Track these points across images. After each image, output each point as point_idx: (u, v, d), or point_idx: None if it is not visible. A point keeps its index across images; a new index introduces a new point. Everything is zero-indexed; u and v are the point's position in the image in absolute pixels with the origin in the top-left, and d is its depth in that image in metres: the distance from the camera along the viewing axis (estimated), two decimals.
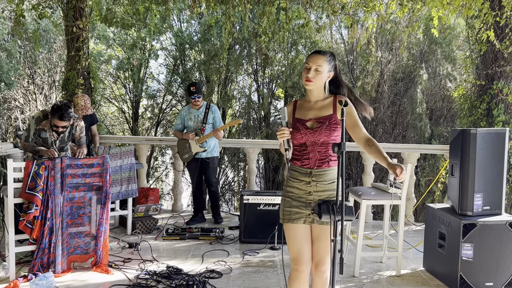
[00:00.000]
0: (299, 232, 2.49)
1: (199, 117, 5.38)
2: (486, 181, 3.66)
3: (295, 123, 2.51)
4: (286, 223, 2.53)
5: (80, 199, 3.84)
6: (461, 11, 5.54)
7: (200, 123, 5.35)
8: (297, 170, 2.51)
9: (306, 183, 2.48)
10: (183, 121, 5.47)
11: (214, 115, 5.42)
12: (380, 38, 12.01)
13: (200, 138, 5.29)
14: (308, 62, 2.46)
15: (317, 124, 2.45)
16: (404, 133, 12.58)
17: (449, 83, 11.96)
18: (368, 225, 5.71)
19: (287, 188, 2.56)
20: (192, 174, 5.52)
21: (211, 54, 12.24)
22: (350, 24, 6.35)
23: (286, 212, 2.52)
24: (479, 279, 3.55)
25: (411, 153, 5.87)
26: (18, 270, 3.76)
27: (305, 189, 2.49)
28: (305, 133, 2.46)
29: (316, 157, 2.47)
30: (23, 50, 11.32)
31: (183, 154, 5.43)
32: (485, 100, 6.03)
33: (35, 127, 4.11)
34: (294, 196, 2.51)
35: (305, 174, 2.49)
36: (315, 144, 2.46)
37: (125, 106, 14.85)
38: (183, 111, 5.50)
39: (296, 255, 2.49)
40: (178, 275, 3.74)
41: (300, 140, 2.48)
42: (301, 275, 2.49)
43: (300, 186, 2.50)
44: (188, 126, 5.44)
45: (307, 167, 2.48)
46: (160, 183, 16.96)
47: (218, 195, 5.65)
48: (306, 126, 2.47)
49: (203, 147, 5.32)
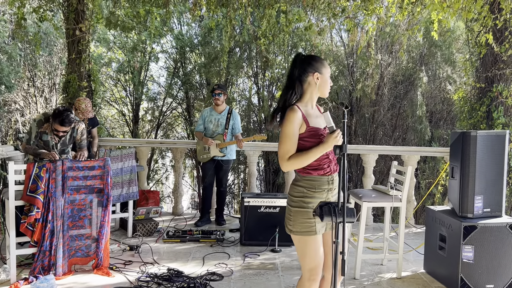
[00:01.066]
0: (319, 243, 2.44)
1: (219, 121, 5.43)
2: (486, 183, 3.66)
3: (317, 132, 2.41)
4: (311, 235, 2.41)
5: (81, 202, 3.85)
6: (461, 14, 5.56)
7: (220, 127, 5.42)
8: (319, 180, 2.44)
9: (327, 190, 2.46)
10: (204, 122, 5.51)
11: (234, 121, 5.49)
12: (380, 41, 12.04)
13: (221, 143, 5.35)
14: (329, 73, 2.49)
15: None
16: (404, 135, 12.60)
17: (449, 85, 11.98)
18: (369, 228, 5.71)
19: (306, 199, 2.42)
20: (205, 174, 5.54)
21: (211, 57, 12.27)
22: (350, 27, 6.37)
23: (310, 223, 2.40)
24: (480, 281, 3.55)
25: (411, 155, 5.88)
26: (19, 273, 3.76)
27: (325, 197, 2.46)
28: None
29: (334, 162, 2.49)
30: (23, 53, 11.34)
31: (201, 154, 5.49)
32: (485, 102, 6.04)
33: (37, 130, 4.12)
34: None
35: (327, 182, 2.46)
36: (331, 151, 2.48)
37: (125, 109, 14.88)
38: (205, 112, 5.55)
39: (317, 266, 2.43)
40: (179, 277, 3.74)
41: None
42: (316, 285, 2.46)
43: (321, 196, 2.45)
44: (208, 127, 5.47)
45: (328, 174, 2.46)
46: (160, 185, 16.96)
47: (225, 196, 5.70)
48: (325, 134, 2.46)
49: (223, 153, 5.39)
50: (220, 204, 5.67)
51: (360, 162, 10.05)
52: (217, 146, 5.36)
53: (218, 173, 5.51)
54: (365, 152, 5.94)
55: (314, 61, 2.43)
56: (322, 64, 2.44)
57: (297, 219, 2.42)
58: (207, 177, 5.51)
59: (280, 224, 4.70)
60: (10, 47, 10.76)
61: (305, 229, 2.40)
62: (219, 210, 5.67)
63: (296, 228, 2.42)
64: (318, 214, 2.31)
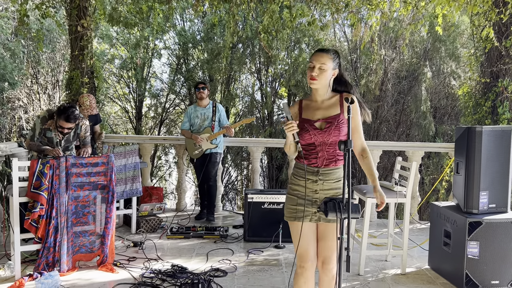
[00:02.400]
0: (305, 230, 2.48)
1: (205, 115, 5.48)
2: (491, 179, 3.64)
3: (303, 124, 2.47)
4: (291, 221, 2.52)
5: (84, 198, 3.85)
6: (465, 8, 5.51)
7: (207, 120, 5.46)
8: (303, 169, 2.49)
9: (312, 181, 2.47)
10: (189, 119, 5.56)
11: (220, 113, 5.54)
12: (383, 36, 11.98)
13: (211, 135, 5.39)
14: (312, 61, 2.43)
15: (326, 125, 2.43)
16: (408, 131, 12.55)
17: (453, 81, 11.92)
18: (373, 224, 5.70)
19: (292, 186, 2.54)
20: (199, 171, 5.55)
21: (214, 53, 12.23)
22: (354, 22, 6.33)
23: (291, 210, 2.52)
24: (485, 277, 3.53)
25: (416, 151, 5.85)
26: (24, 269, 3.78)
27: (311, 187, 2.48)
28: (314, 134, 2.44)
29: (325, 157, 2.46)
30: (26, 50, 11.35)
31: (193, 151, 5.49)
32: (490, 97, 6.00)
33: (41, 127, 4.12)
34: (299, 194, 2.50)
35: (312, 172, 2.47)
36: (324, 144, 2.45)
37: (128, 106, 14.88)
38: (189, 110, 5.61)
39: (302, 253, 2.49)
40: (183, 273, 3.74)
41: (308, 140, 2.46)
42: (307, 272, 2.49)
43: (306, 184, 2.48)
44: (194, 123, 5.52)
45: (314, 166, 2.47)
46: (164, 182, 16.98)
47: (214, 192, 5.60)
48: (314, 127, 2.45)
49: (214, 144, 5.43)
50: (210, 199, 5.60)
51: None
52: (208, 139, 5.38)
53: (207, 166, 5.47)
54: (369, 148, 5.88)
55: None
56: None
57: (286, 205, 2.57)
58: (201, 174, 5.51)
59: (283, 220, 4.67)
60: (13, 44, 10.77)
61: (289, 214, 2.53)
62: (208, 206, 5.62)
63: (285, 213, 2.57)
64: (323, 210, 2.30)
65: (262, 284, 3.64)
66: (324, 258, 2.50)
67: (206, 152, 5.45)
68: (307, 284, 2.51)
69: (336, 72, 2.50)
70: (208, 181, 5.53)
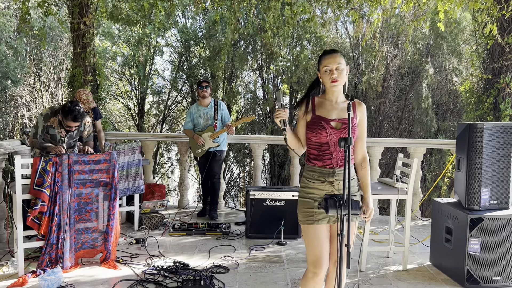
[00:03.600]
0: (322, 234, 2.45)
1: (208, 114, 5.49)
2: (493, 175, 3.64)
3: (319, 121, 2.44)
4: (309, 224, 2.45)
5: (87, 195, 3.87)
6: (467, 5, 5.50)
7: (210, 119, 5.47)
8: (317, 171, 2.46)
9: (329, 183, 2.44)
10: (192, 119, 5.56)
11: (222, 112, 5.54)
12: (385, 33, 11.94)
13: (213, 134, 5.40)
14: (327, 64, 2.41)
15: (342, 125, 2.43)
16: (410, 128, 12.53)
17: (455, 77, 11.89)
18: (374, 220, 5.70)
19: (307, 189, 2.48)
20: (203, 168, 5.56)
21: (216, 50, 12.23)
22: (356, 19, 6.32)
23: (309, 213, 2.45)
24: (486, 273, 3.54)
25: (417, 148, 5.84)
26: (27, 266, 3.80)
27: (327, 189, 2.45)
28: (330, 133, 2.43)
29: (339, 157, 2.44)
30: (29, 48, 11.37)
31: (196, 149, 5.50)
32: (492, 94, 5.99)
33: (44, 124, 4.13)
34: (316, 197, 2.46)
35: (327, 174, 2.45)
36: (337, 144, 2.43)
37: (130, 103, 14.90)
38: (192, 109, 5.61)
39: (318, 258, 2.44)
40: (185, 270, 3.76)
41: (323, 138, 2.44)
42: (318, 278, 2.46)
43: (322, 187, 2.45)
44: (197, 123, 5.51)
45: (329, 167, 2.44)
46: (166, 179, 17.01)
47: (218, 189, 5.65)
48: (331, 126, 2.43)
49: (217, 142, 5.44)
50: (213, 196, 5.63)
51: None
52: (210, 137, 5.40)
53: (210, 164, 5.50)
54: (371, 144, 5.92)
55: (319, 59, 2.51)
56: (319, 62, 2.49)
57: (300, 208, 2.50)
58: (204, 172, 5.54)
59: (285, 217, 4.70)
60: (15, 42, 10.80)
61: (305, 218, 2.47)
62: (211, 202, 5.64)
63: (299, 217, 2.51)
64: (323, 206, 2.31)
65: (264, 281, 3.66)
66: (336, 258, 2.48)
67: (209, 150, 5.48)
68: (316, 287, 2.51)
69: (348, 68, 2.50)
70: (211, 178, 5.56)
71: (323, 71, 2.44)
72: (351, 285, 3.59)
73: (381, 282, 3.69)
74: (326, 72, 2.42)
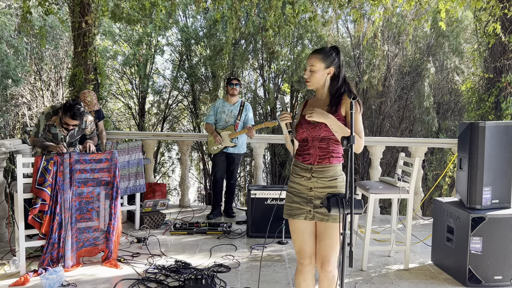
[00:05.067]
0: (300, 228, 2.52)
1: (232, 112, 5.42)
2: (494, 174, 3.63)
3: (300, 119, 2.54)
4: (287, 218, 2.56)
5: (88, 194, 3.87)
6: (469, 3, 5.49)
7: (233, 118, 5.41)
8: (299, 166, 2.53)
9: (307, 178, 2.49)
10: (215, 113, 5.46)
11: (247, 113, 5.49)
12: (386, 32, 11.93)
13: (232, 133, 5.35)
14: (306, 64, 2.51)
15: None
16: (411, 127, 12.53)
17: (457, 76, 11.87)
18: (376, 219, 5.70)
19: (290, 183, 2.58)
20: (215, 166, 5.53)
21: (216, 49, 12.22)
22: (357, 17, 6.31)
23: (288, 207, 2.55)
24: (488, 272, 3.54)
25: (419, 147, 5.84)
26: (28, 265, 3.80)
27: (306, 185, 2.49)
28: (306, 128, 2.47)
29: (317, 153, 2.47)
30: (29, 47, 11.37)
31: (212, 146, 5.45)
32: (493, 93, 5.98)
33: (45, 123, 4.13)
34: (295, 192, 2.52)
35: (306, 169, 2.49)
36: (315, 139, 2.46)
37: (131, 102, 14.90)
38: (217, 103, 5.50)
39: (299, 249, 2.54)
40: (186, 269, 3.76)
41: (302, 135, 2.50)
42: (305, 269, 2.52)
43: (301, 182, 2.50)
44: (220, 118, 5.43)
45: (307, 162, 2.49)
46: (167, 178, 17.02)
47: (234, 189, 5.75)
48: (307, 121, 2.48)
49: (234, 142, 5.40)
50: (230, 196, 5.72)
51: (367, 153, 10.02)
52: (229, 136, 5.35)
53: (230, 166, 5.53)
54: (372, 143, 5.91)
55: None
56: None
57: (285, 202, 2.61)
58: (219, 170, 5.50)
59: None
60: (16, 41, 10.80)
61: (286, 211, 2.57)
62: (228, 202, 5.72)
63: (284, 211, 2.60)
64: (325, 205, 2.30)
65: (265, 280, 3.66)
66: (323, 258, 2.47)
67: (227, 150, 5.41)
68: (306, 282, 2.53)
69: (331, 70, 2.48)
70: (230, 180, 5.63)
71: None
72: (352, 284, 3.58)
73: (382, 281, 3.69)
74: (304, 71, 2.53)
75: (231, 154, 5.46)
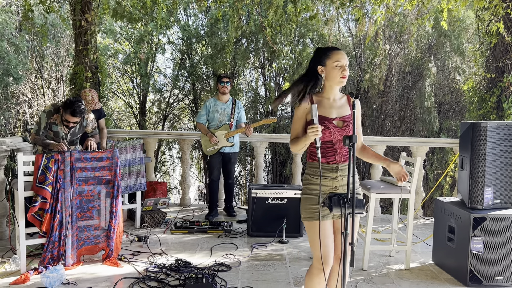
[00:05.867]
0: (328, 230, 2.47)
1: (226, 111, 5.33)
2: (496, 174, 3.62)
3: (321, 120, 2.43)
4: (313, 220, 2.46)
5: (89, 193, 3.86)
6: (471, 3, 5.47)
7: (227, 116, 5.32)
8: (323, 168, 2.47)
9: (332, 178, 2.47)
10: (207, 112, 5.36)
11: (239, 111, 5.41)
12: (388, 31, 11.91)
13: (228, 132, 5.27)
14: (339, 59, 2.40)
15: (344, 123, 2.46)
16: (412, 127, 12.51)
17: (458, 76, 11.85)
18: (377, 219, 5.69)
19: (311, 186, 2.49)
20: (213, 167, 5.45)
21: (218, 48, 12.20)
22: (359, 17, 6.30)
23: (313, 209, 2.46)
24: (489, 272, 3.53)
25: (420, 146, 5.83)
26: (29, 263, 3.80)
27: (331, 185, 2.47)
28: (334, 132, 2.44)
29: (342, 153, 2.48)
30: (30, 45, 11.36)
31: (208, 147, 5.35)
32: (495, 93, 5.97)
33: (46, 121, 4.13)
34: (320, 193, 2.47)
35: (331, 170, 2.46)
36: (340, 141, 2.46)
37: (132, 101, 14.89)
38: (209, 102, 5.38)
39: (324, 255, 2.44)
40: (187, 268, 3.76)
41: (327, 137, 2.45)
42: (323, 274, 2.47)
43: (325, 183, 2.47)
44: (213, 117, 5.33)
45: (333, 163, 2.47)
46: (168, 177, 17.02)
47: (233, 188, 5.72)
48: (334, 125, 2.45)
49: (231, 142, 5.31)
50: (229, 195, 5.69)
51: None
52: (225, 136, 5.29)
53: (226, 166, 5.46)
54: (373, 143, 5.90)
55: (318, 54, 2.49)
56: (325, 56, 2.44)
57: (303, 205, 2.51)
58: (215, 171, 5.44)
59: (287, 216, 4.69)
60: (17, 39, 10.79)
61: (309, 214, 2.48)
62: (229, 201, 5.69)
63: (303, 214, 2.52)
64: (327, 205, 2.30)
65: (266, 279, 3.65)
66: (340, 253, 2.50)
67: (223, 150, 5.33)
68: (321, 284, 2.51)
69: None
70: (228, 179, 5.56)
71: (333, 66, 2.41)
72: (353, 284, 3.58)
73: (383, 281, 3.68)
74: (336, 67, 2.41)
75: (228, 153, 5.39)
